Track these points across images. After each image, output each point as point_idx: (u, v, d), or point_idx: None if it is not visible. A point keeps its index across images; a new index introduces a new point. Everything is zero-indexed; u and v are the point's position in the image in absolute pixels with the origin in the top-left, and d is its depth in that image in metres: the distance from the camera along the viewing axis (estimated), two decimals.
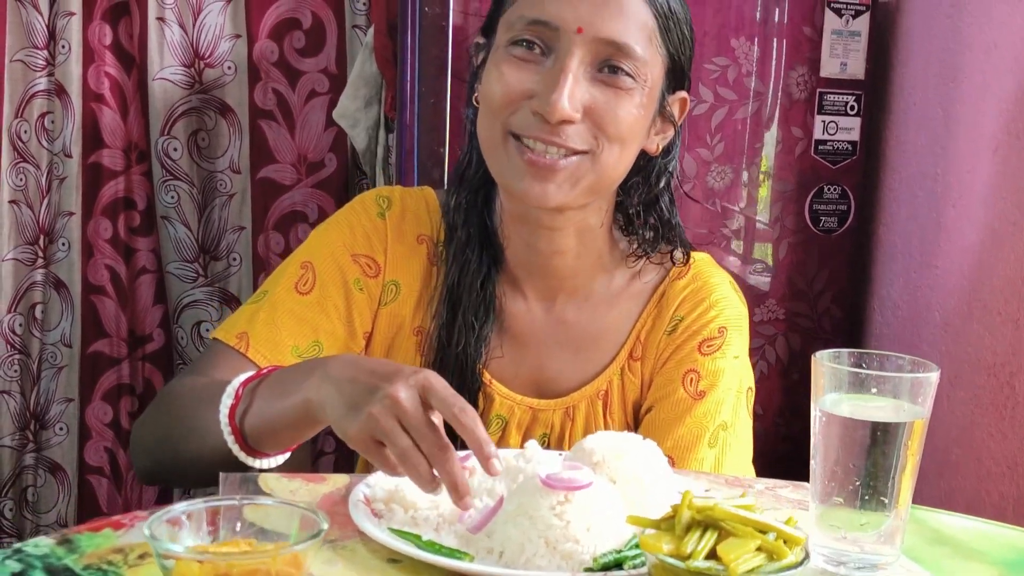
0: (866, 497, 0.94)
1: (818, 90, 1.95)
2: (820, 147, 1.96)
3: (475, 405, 1.26)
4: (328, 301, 1.25)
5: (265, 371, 1.10)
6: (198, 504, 0.85)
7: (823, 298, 2.01)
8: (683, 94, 1.24)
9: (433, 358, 1.27)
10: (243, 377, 1.09)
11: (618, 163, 1.18)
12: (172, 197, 2.41)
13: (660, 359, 1.29)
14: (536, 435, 1.28)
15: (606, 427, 1.28)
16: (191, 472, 1.17)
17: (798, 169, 1.96)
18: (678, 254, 1.29)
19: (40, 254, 2.37)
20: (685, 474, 1.16)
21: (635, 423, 1.30)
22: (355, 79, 2.21)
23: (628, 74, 1.14)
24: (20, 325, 2.38)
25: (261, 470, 1.10)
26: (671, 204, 1.28)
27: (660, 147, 1.24)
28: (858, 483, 0.94)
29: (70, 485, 2.46)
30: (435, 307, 1.28)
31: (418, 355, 1.29)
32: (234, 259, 2.46)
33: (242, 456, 1.08)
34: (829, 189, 1.97)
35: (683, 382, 1.26)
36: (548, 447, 1.28)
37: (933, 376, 0.94)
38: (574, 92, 1.11)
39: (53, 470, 2.45)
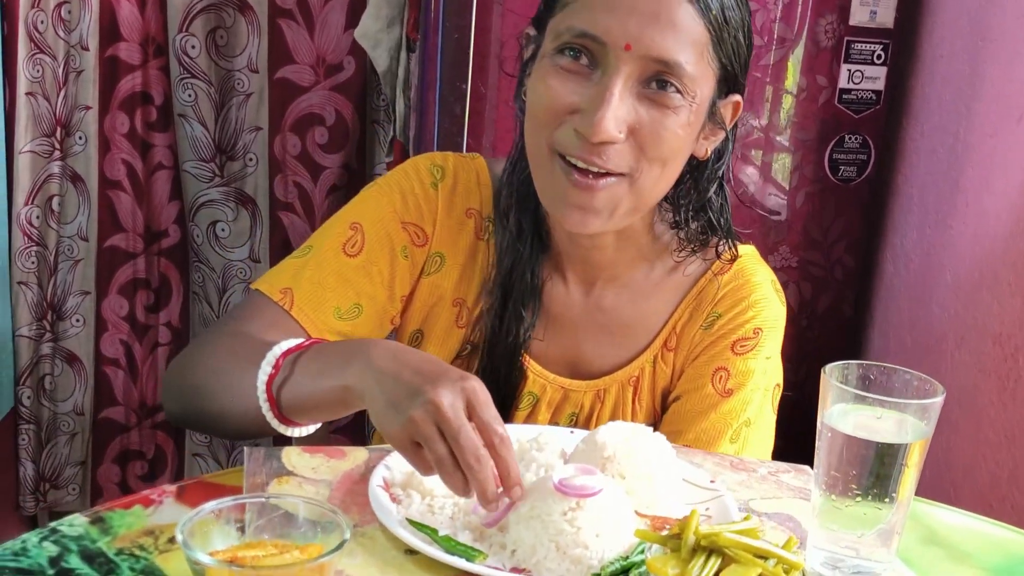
0: (865, 504, 0.98)
1: (846, 38, 1.92)
2: (844, 96, 1.95)
3: (511, 383, 1.28)
4: (374, 266, 1.26)
5: (307, 343, 1.10)
6: (227, 502, 0.89)
7: (836, 247, 2.02)
8: (736, 97, 1.19)
9: (472, 334, 1.29)
10: (285, 346, 1.09)
11: (657, 183, 1.16)
12: (189, 95, 2.40)
13: (693, 352, 1.30)
14: (565, 414, 1.31)
15: (634, 413, 1.30)
16: (218, 426, 1.19)
17: (820, 118, 1.95)
18: (724, 250, 1.28)
19: (57, 146, 2.37)
20: (693, 454, 1.20)
21: (662, 410, 1.32)
22: None
23: (677, 90, 1.11)
24: (37, 217, 2.40)
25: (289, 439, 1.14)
26: (722, 206, 1.26)
27: (710, 151, 1.21)
28: (858, 492, 0.98)
29: (86, 376, 2.52)
30: (481, 286, 1.29)
31: (455, 326, 1.31)
32: (250, 160, 2.46)
33: (275, 424, 1.09)
34: (850, 138, 1.96)
35: (712, 378, 1.27)
36: (575, 427, 1.30)
37: (939, 400, 0.97)
38: (618, 112, 1.08)
39: (70, 360, 2.50)
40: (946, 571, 1.04)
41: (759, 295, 1.29)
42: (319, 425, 1.14)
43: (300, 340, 1.10)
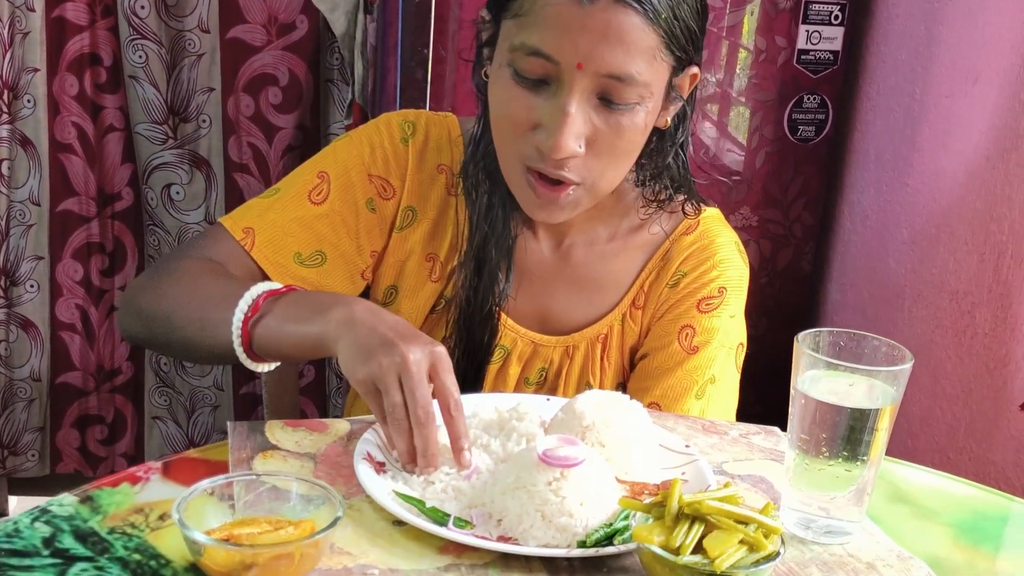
0: (837, 467, 1.01)
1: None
2: (802, 56, 1.97)
3: (485, 338, 1.32)
4: (337, 216, 1.29)
5: (285, 289, 1.15)
6: (219, 480, 0.91)
7: (795, 205, 2.06)
8: (693, 70, 1.21)
9: (446, 288, 1.32)
10: (264, 289, 1.14)
11: (617, 176, 1.21)
12: (140, 56, 2.37)
13: (659, 310, 1.33)
14: (535, 368, 1.34)
15: (602, 370, 1.34)
16: (181, 352, 1.24)
17: (780, 79, 1.97)
18: (689, 208, 1.32)
19: (5, 110, 2.33)
20: (665, 419, 1.23)
21: (631, 367, 1.36)
22: None
23: (632, 99, 1.14)
24: None
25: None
26: (684, 166, 1.29)
27: (669, 121, 1.24)
28: (830, 455, 1.01)
29: (43, 341, 2.49)
30: (453, 242, 1.32)
31: (428, 281, 1.33)
32: (203, 121, 2.43)
33: (244, 359, 1.15)
34: (808, 98, 1.99)
35: (679, 336, 1.31)
36: (544, 382, 1.34)
37: (908, 366, 1.00)
38: (575, 129, 1.12)
39: (25, 326, 2.48)
40: (913, 528, 1.08)
41: (723, 255, 1.33)
42: (279, 364, 1.19)
43: (279, 285, 1.15)
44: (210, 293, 1.18)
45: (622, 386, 1.36)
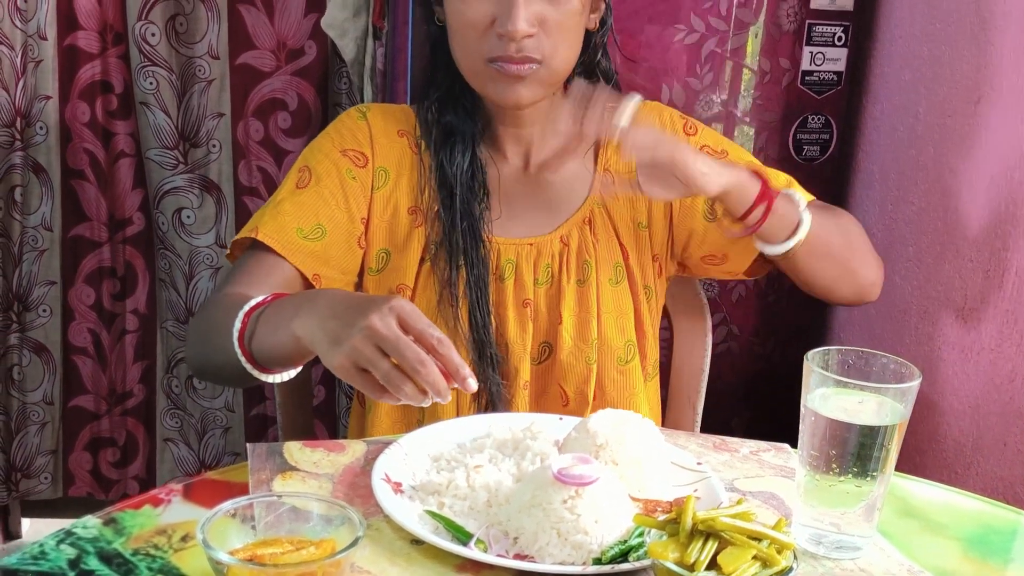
0: (848, 483, 1.03)
1: (807, 21, 1.96)
2: (806, 78, 1.99)
3: (485, 262, 1.41)
4: (325, 190, 1.39)
5: (269, 299, 1.21)
6: (241, 501, 0.92)
7: None
8: None
9: (432, 232, 1.41)
10: (250, 304, 1.20)
11: (568, 59, 1.38)
12: (150, 83, 2.39)
13: None
14: (542, 267, 1.43)
15: (594, 248, 1.44)
16: (222, 377, 1.32)
17: (784, 100, 1.99)
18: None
19: (17, 137, 2.36)
20: (676, 436, 1.25)
21: (627, 244, 1.47)
22: None
23: None
24: (0, 209, 2.38)
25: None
26: (608, 65, 1.48)
27: (596, 23, 1.43)
28: (841, 471, 1.03)
29: (55, 365, 2.51)
30: (429, 189, 1.42)
31: (415, 230, 1.42)
32: (214, 146, 2.46)
33: (255, 373, 1.20)
34: (813, 119, 2.01)
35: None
36: (552, 280, 1.43)
37: (916, 384, 1.02)
38: (527, 11, 1.31)
39: (37, 350, 2.50)
40: (923, 542, 1.09)
41: (658, 104, 1.53)
42: (298, 369, 1.22)
43: (263, 297, 1.21)
44: (223, 316, 1.23)
45: (619, 265, 1.45)
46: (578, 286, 1.42)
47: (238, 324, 1.18)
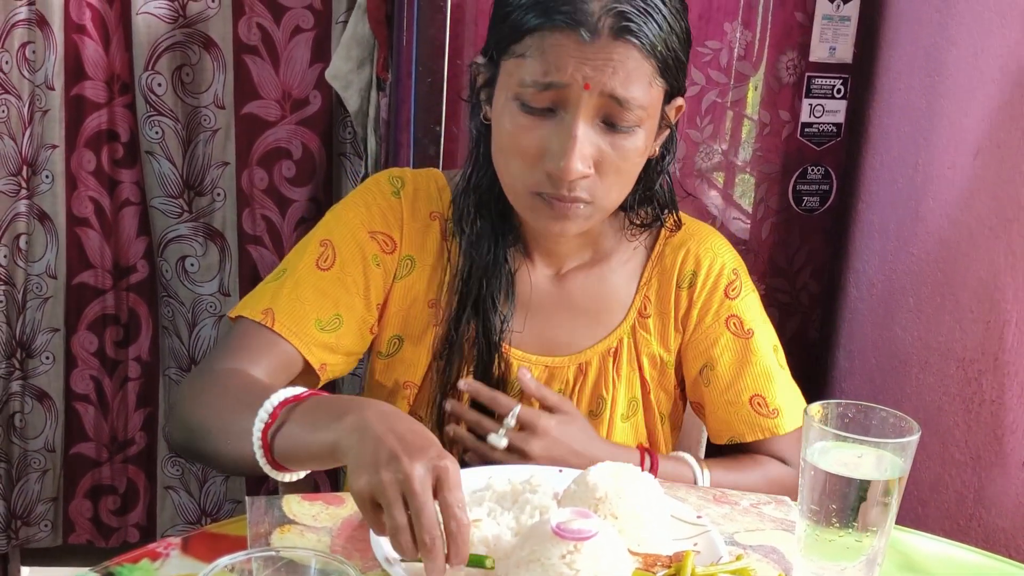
0: (848, 537, 1.03)
1: (807, 74, 1.99)
2: (806, 129, 2.01)
3: (496, 374, 1.35)
4: (348, 276, 1.32)
5: (305, 395, 1.11)
6: (240, 556, 0.92)
7: (802, 274, 2.09)
8: (679, 101, 1.29)
9: (449, 334, 1.35)
10: (282, 396, 1.10)
11: (621, 195, 1.28)
12: (156, 132, 2.42)
13: (684, 315, 1.40)
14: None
15: (614, 382, 1.38)
16: (214, 464, 1.22)
17: (784, 151, 2.01)
18: (669, 222, 1.39)
19: (24, 185, 2.38)
20: (677, 489, 1.24)
21: (649, 378, 1.41)
22: (347, 40, 2.20)
23: (632, 121, 1.21)
24: (4, 256, 2.40)
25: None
26: (669, 190, 1.37)
27: (658, 150, 1.32)
28: (841, 525, 1.03)
29: (57, 412, 2.52)
30: (453, 287, 1.35)
31: (431, 326, 1.36)
32: (218, 194, 2.48)
33: (267, 469, 1.10)
34: (813, 170, 2.03)
35: (727, 327, 1.39)
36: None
37: (915, 438, 1.02)
38: (583, 151, 1.19)
39: (40, 397, 2.50)
40: None
41: (717, 242, 1.41)
42: (308, 472, 1.15)
43: (299, 391, 1.12)
44: (235, 402, 1.16)
45: (635, 400, 1.40)
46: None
47: (265, 415, 1.08)
